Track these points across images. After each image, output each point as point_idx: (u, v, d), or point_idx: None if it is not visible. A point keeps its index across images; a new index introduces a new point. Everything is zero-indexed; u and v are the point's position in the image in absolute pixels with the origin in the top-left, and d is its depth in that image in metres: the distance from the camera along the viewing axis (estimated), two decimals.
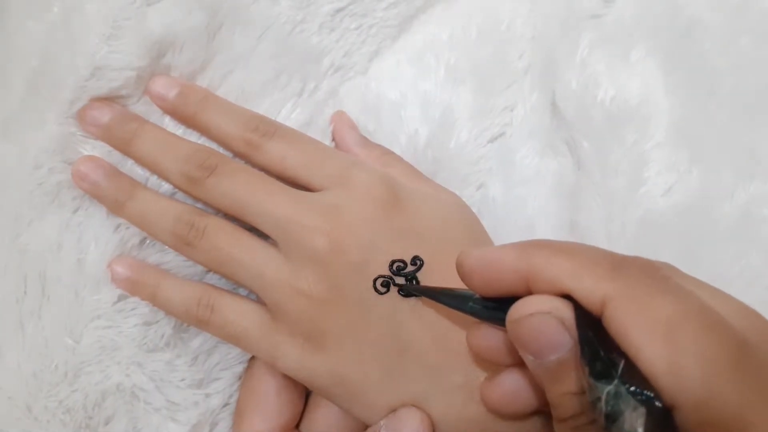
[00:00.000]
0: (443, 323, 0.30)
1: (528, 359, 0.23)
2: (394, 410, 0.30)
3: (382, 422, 0.30)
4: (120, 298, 0.34)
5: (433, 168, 0.37)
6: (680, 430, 0.20)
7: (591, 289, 0.22)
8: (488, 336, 0.26)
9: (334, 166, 0.33)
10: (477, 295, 0.26)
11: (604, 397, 0.20)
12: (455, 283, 0.31)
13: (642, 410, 0.19)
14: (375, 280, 0.30)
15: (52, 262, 0.34)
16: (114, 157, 0.34)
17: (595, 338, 0.21)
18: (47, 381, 0.34)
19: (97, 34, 0.32)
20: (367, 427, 0.31)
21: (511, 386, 0.26)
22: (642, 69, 0.38)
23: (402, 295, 0.30)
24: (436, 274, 0.30)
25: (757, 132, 0.37)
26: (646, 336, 0.20)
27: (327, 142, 0.37)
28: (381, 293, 0.30)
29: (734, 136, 0.37)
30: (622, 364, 0.20)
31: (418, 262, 0.30)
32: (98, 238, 0.34)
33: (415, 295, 0.30)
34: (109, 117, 0.33)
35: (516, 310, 0.23)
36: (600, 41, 0.38)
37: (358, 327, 0.30)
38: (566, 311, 0.22)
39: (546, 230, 0.38)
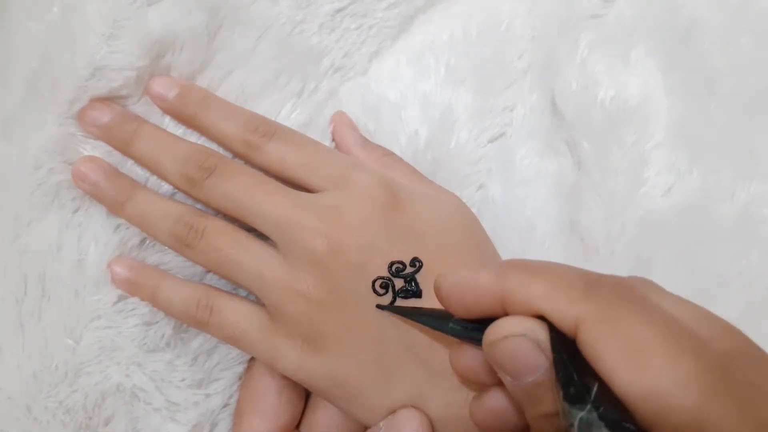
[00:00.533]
0: None
1: (506, 380, 0.23)
2: (393, 412, 0.30)
3: (381, 424, 0.30)
4: (120, 299, 0.34)
5: (433, 168, 0.37)
6: None
7: (564, 310, 0.22)
8: (470, 356, 0.26)
9: (333, 167, 0.33)
10: (455, 318, 0.26)
11: (576, 423, 0.19)
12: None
13: None
14: (374, 282, 0.30)
15: (52, 262, 0.34)
16: (114, 157, 0.34)
17: (569, 361, 0.21)
18: (47, 381, 0.34)
19: (97, 34, 0.32)
20: (366, 428, 0.31)
21: (496, 405, 0.26)
22: (642, 69, 0.38)
23: (380, 309, 0.30)
24: (436, 275, 0.30)
25: (757, 132, 0.37)
26: (619, 359, 0.20)
27: (327, 142, 0.37)
28: (380, 295, 0.30)
29: (734, 136, 0.37)
30: (595, 388, 0.20)
31: (418, 264, 0.30)
32: (98, 238, 0.34)
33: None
34: (109, 117, 0.33)
35: (491, 333, 0.23)
36: (600, 41, 0.38)
37: (356, 328, 0.30)
38: (541, 333, 0.22)
39: (546, 230, 0.38)
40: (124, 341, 0.34)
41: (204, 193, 0.32)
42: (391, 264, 0.30)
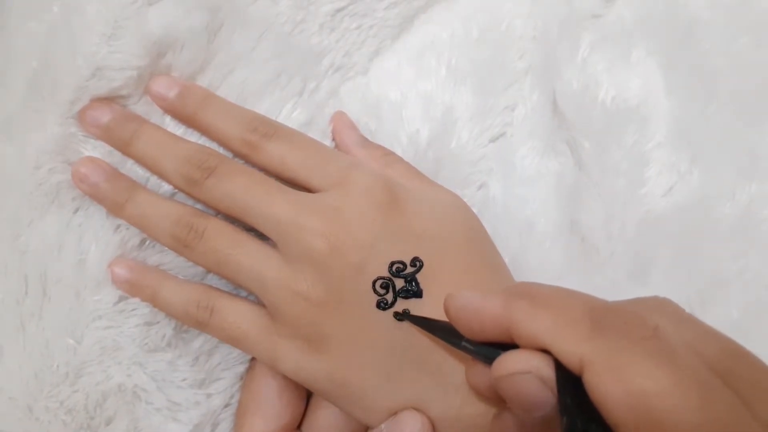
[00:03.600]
0: None
1: (516, 410, 0.23)
2: (394, 413, 0.30)
3: (383, 426, 0.30)
4: (121, 299, 0.34)
5: (434, 168, 0.37)
6: None
7: (569, 350, 0.21)
8: (484, 374, 0.26)
9: (333, 167, 0.32)
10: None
11: None
12: (455, 282, 0.31)
13: None
14: (374, 282, 0.30)
15: (52, 262, 0.34)
16: (114, 157, 0.34)
17: (573, 401, 0.21)
18: (48, 381, 0.34)
19: (98, 34, 0.32)
20: (367, 429, 0.31)
21: (514, 424, 0.26)
22: (642, 69, 0.38)
23: (397, 319, 0.30)
24: (436, 276, 0.30)
25: (758, 132, 0.37)
26: (624, 411, 0.20)
27: (327, 142, 0.37)
28: (380, 295, 0.30)
29: (734, 137, 0.37)
30: None
31: (418, 264, 0.30)
32: (99, 238, 0.34)
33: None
34: (109, 117, 0.33)
35: (498, 368, 0.23)
36: (600, 41, 0.38)
37: (357, 329, 0.30)
38: (547, 370, 0.22)
39: (546, 230, 0.38)
40: (125, 341, 0.34)
41: (204, 193, 0.32)
42: (392, 264, 0.30)
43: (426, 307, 0.30)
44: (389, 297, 0.30)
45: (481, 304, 0.24)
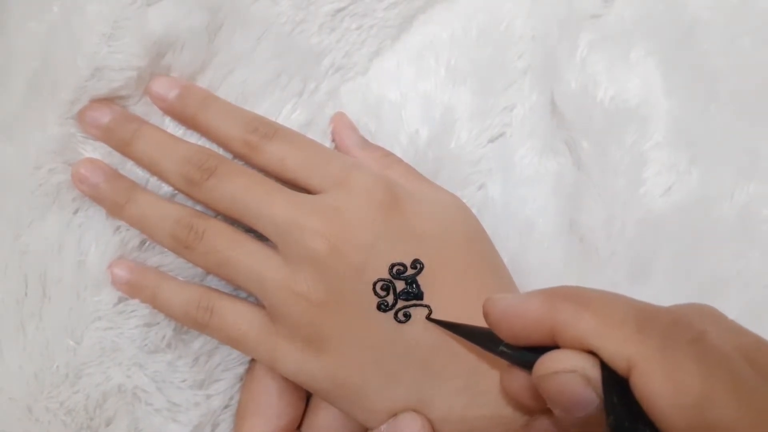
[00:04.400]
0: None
1: (556, 411, 0.23)
2: (394, 415, 0.30)
3: (382, 427, 0.30)
4: (121, 300, 0.34)
5: (434, 168, 0.37)
6: None
7: (616, 351, 0.21)
8: (520, 381, 0.26)
9: (333, 168, 0.32)
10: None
11: None
12: (455, 283, 0.31)
13: None
14: (375, 284, 0.30)
15: (52, 263, 0.34)
16: (114, 158, 0.34)
17: (620, 401, 0.21)
18: (48, 382, 0.34)
19: (98, 34, 0.32)
20: (367, 430, 0.31)
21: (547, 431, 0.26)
22: (642, 69, 0.38)
23: (427, 319, 0.30)
24: (436, 277, 0.30)
25: (757, 132, 0.37)
26: (674, 412, 0.19)
27: (327, 142, 0.37)
28: (381, 297, 0.30)
29: (734, 137, 0.37)
30: None
31: (419, 266, 0.30)
32: (99, 239, 0.34)
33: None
34: (109, 118, 0.33)
35: (541, 367, 0.23)
36: (600, 41, 0.38)
37: (357, 330, 0.30)
38: (592, 370, 0.22)
39: (546, 230, 0.38)
40: (125, 342, 0.34)
41: (204, 193, 0.32)
42: (392, 266, 0.30)
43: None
44: (390, 299, 0.30)
45: (523, 307, 0.24)
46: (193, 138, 0.35)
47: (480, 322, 0.26)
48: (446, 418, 0.30)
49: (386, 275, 0.30)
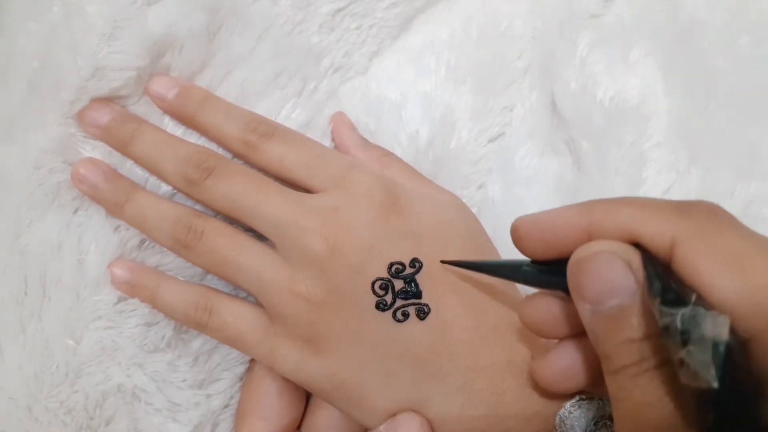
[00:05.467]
0: (442, 327, 0.30)
1: (585, 309, 0.22)
2: (393, 415, 0.30)
3: (381, 427, 0.30)
4: (120, 299, 0.34)
5: (434, 168, 0.37)
6: (755, 361, 0.19)
7: (659, 231, 0.21)
8: (542, 307, 0.26)
9: (332, 168, 0.32)
10: (529, 261, 0.26)
11: (678, 318, 0.19)
12: (455, 283, 0.31)
13: (725, 318, 0.18)
14: (373, 283, 0.30)
15: (52, 262, 0.34)
16: (114, 158, 0.34)
17: (663, 286, 0.20)
18: (48, 382, 0.34)
19: (98, 34, 0.32)
20: (366, 430, 0.31)
21: (564, 363, 0.26)
22: (641, 69, 0.38)
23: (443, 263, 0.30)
24: (435, 276, 0.30)
25: (757, 132, 0.37)
26: (720, 270, 0.20)
27: (327, 142, 0.37)
28: (379, 296, 0.30)
29: (733, 136, 0.37)
30: (694, 296, 0.19)
31: (417, 265, 0.30)
32: (98, 238, 0.34)
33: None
34: (109, 118, 0.33)
35: (581, 250, 0.23)
36: (599, 41, 0.38)
37: (356, 330, 0.30)
38: (633, 254, 0.22)
39: None
40: (124, 342, 0.34)
41: (203, 193, 0.32)
42: (391, 265, 0.30)
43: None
44: (388, 298, 0.30)
45: (555, 214, 0.24)
46: (193, 138, 0.35)
47: (481, 320, 0.26)
48: (445, 417, 0.30)
49: (385, 274, 0.30)
